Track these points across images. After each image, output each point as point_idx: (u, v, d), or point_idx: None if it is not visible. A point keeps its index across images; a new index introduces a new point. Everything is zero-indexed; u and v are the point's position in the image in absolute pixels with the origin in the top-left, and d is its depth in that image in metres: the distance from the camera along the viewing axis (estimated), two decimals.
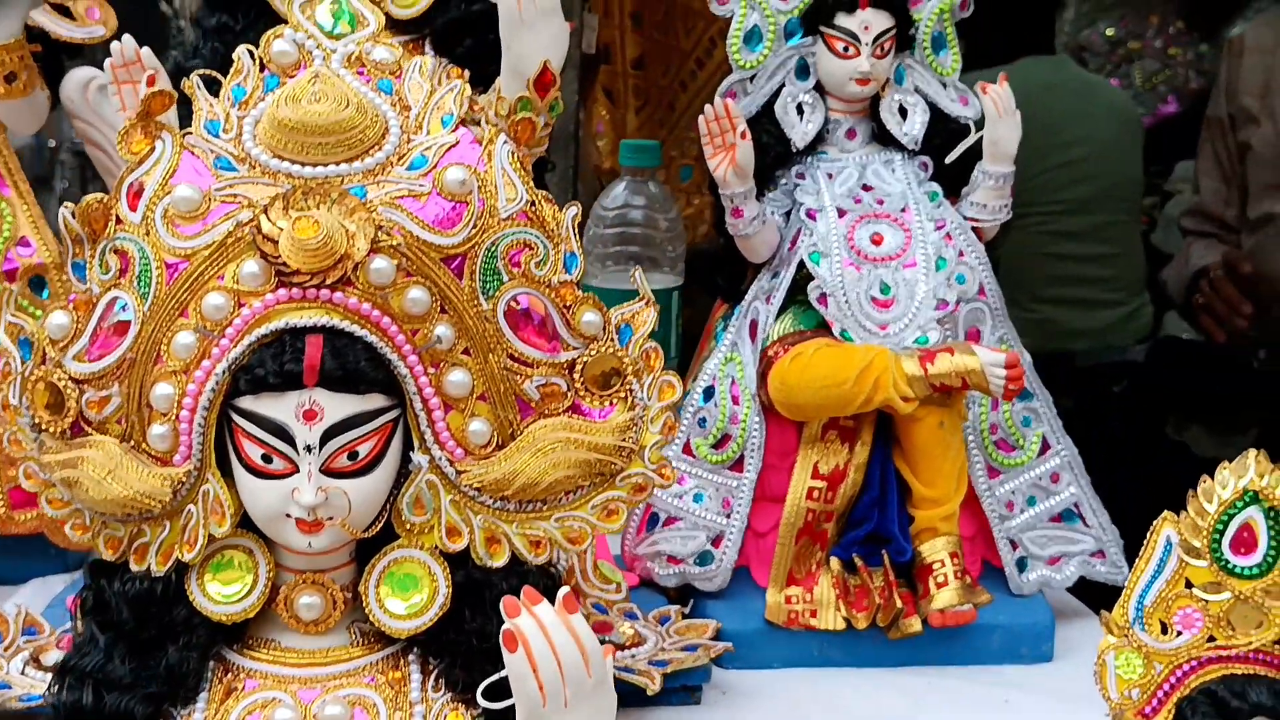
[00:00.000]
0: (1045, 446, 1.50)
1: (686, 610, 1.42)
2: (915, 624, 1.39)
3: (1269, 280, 2.45)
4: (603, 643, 0.90)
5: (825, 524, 1.43)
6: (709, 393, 1.47)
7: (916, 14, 1.50)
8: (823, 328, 1.43)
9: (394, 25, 1.38)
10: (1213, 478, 0.97)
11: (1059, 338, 3.66)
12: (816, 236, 1.44)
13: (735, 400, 1.44)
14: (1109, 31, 4.85)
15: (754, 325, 1.46)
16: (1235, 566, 0.97)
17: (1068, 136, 3.64)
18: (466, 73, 1.37)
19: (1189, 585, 0.99)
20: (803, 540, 1.42)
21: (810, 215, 1.45)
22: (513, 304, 1.01)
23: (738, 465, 1.44)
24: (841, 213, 1.45)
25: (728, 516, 1.44)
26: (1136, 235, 3.86)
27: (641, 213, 1.74)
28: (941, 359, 1.37)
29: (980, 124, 1.46)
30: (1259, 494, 0.97)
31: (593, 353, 1.04)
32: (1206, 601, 0.99)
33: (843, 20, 1.45)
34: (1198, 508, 0.99)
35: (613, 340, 1.05)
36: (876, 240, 1.44)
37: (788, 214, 1.48)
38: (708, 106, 1.41)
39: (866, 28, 1.44)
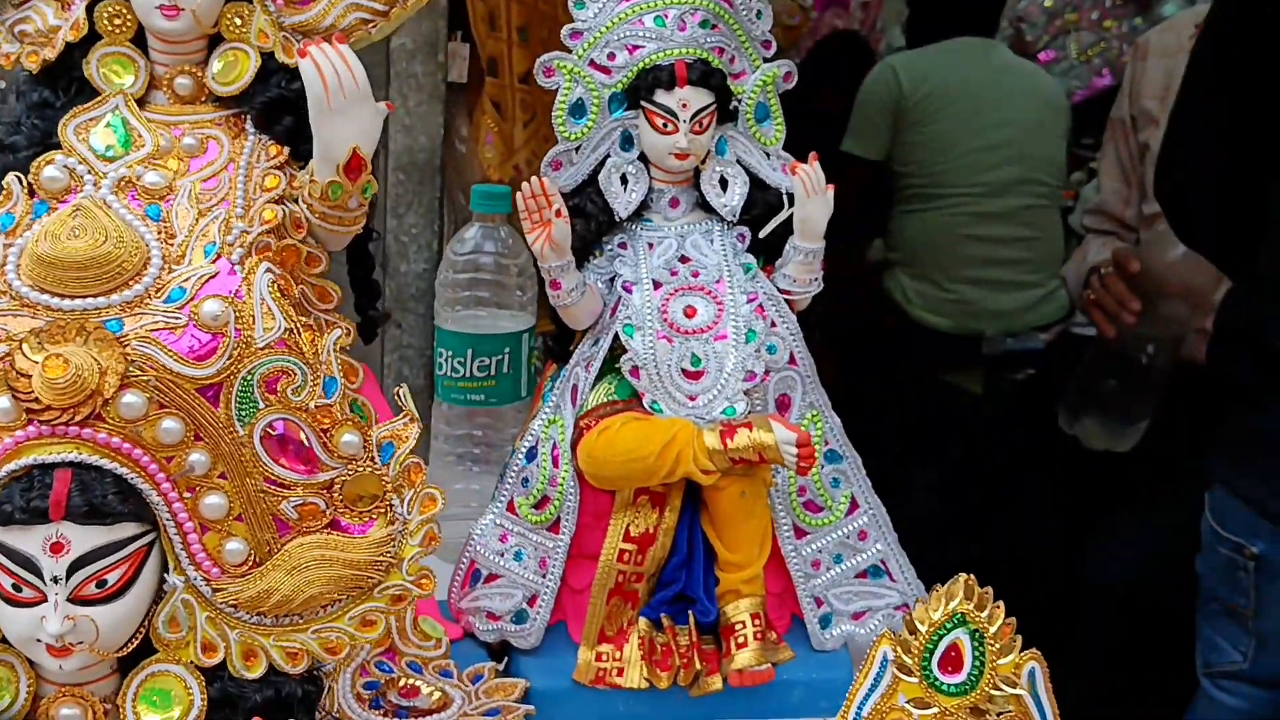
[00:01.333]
0: (854, 506, 1.54)
1: (502, 667, 1.46)
2: (716, 682, 1.44)
3: (1154, 277, 2.47)
4: (410, 708, 0.95)
5: (636, 584, 1.46)
6: (532, 453, 1.50)
7: (738, 88, 1.52)
8: (636, 398, 1.45)
9: (216, 100, 1.39)
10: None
11: (973, 318, 3.70)
12: (631, 310, 1.46)
13: (555, 463, 1.47)
14: (1047, 3, 4.84)
15: (575, 390, 1.49)
16: (942, 684, 1.02)
17: (992, 119, 3.65)
18: (286, 150, 1.40)
19: (903, 700, 1.04)
20: (614, 600, 1.46)
21: (626, 288, 1.47)
22: (269, 430, 1.04)
23: (555, 526, 1.47)
24: (658, 285, 1.47)
25: (543, 576, 1.47)
26: (1056, 219, 3.88)
27: (492, 259, 1.76)
28: (740, 434, 1.40)
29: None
30: (966, 617, 1.02)
31: (351, 472, 1.06)
32: (916, 715, 1.03)
33: (661, 97, 1.46)
34: (911, 626, 1.03)
35: (373, 459, 1.08)
36: (690, 313, 1.46)
37: (613, 280, 1.50)
38: (525, 184, 1.42)
39: (684, 105, 1.46)
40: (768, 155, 1.54)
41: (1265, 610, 1.86)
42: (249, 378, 1.03)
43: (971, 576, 1.05)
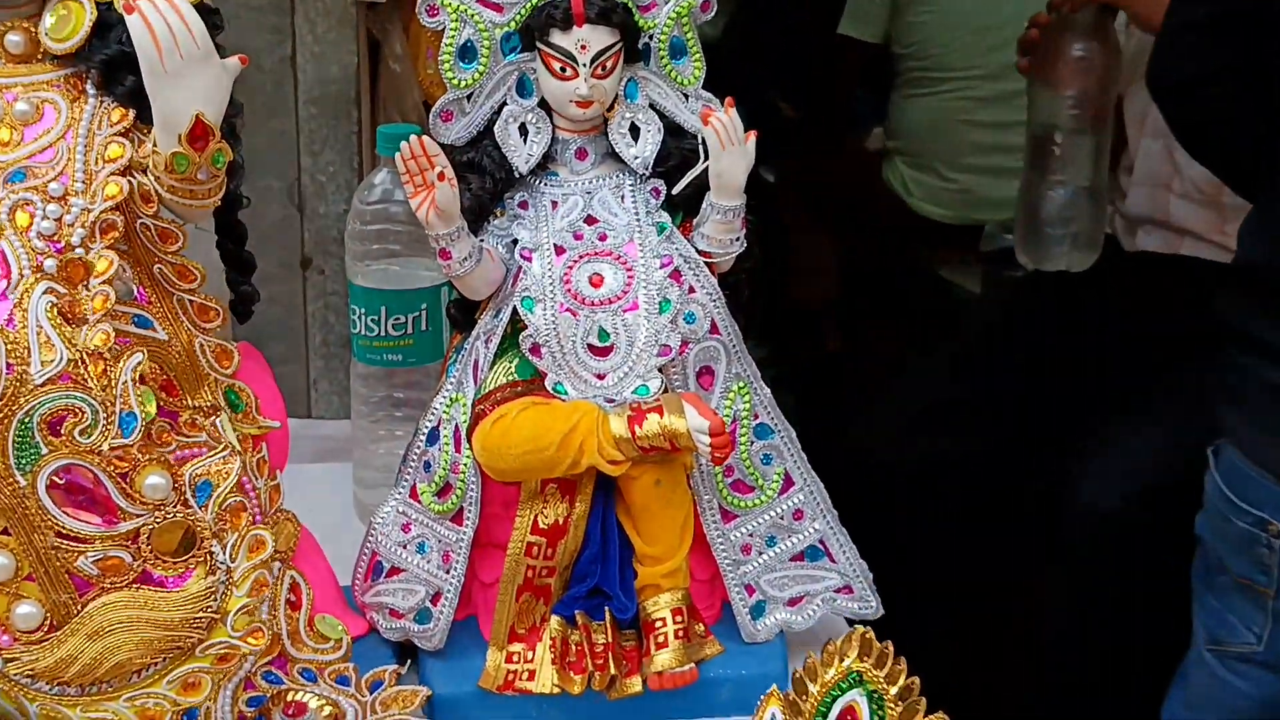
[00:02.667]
0: (788, 483, 1.38)
1: (404, 670, 1.33)
2: (635, 684, 1.30)
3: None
4: None
5: (547, 579, 1.32)
6: (433, 435, 1.35)
7: (647, 22, 1.33)
8: (539, 377, 1.29)
9: (55, 60, 1.22)
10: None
11: (974, 208, 3.51)
12: (530, 279, 1.29)
13: (457, 447, 1.32)
14: None
15: (476, 366, 1.33)
16: None
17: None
18: (131, 113, 1.23)
19: None
20: (524, 596, 1.32)
21: (525, 256, 1.30)
22: (55, 478, 0.89)
23: (458, 517, 1.33)
24: (560, 250, 1.30)
25: (447, 572, 1.33)
26: None
27: (403, 207, 1.58)
28: (650, 421, 1.24)
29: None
30: (862, 676, 0.87)
31: (159, 519, 0.92)
32: None
33: (558, 38, 1.28)
34: (801, 687, 0.89)
35: (185, 502, 0.93)
36: (596, 282, 1.30)
37: (514, 244, 1.33)
38: (403, 144, 1.25)
39: (583, 46, 1.27)
40: (686, 98, 1.36)
41: None
42: (26, 420, 0.88)
43: (869, 630, 0.90)
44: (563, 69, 1.28)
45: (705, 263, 1.33)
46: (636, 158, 1.33)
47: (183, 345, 1.24)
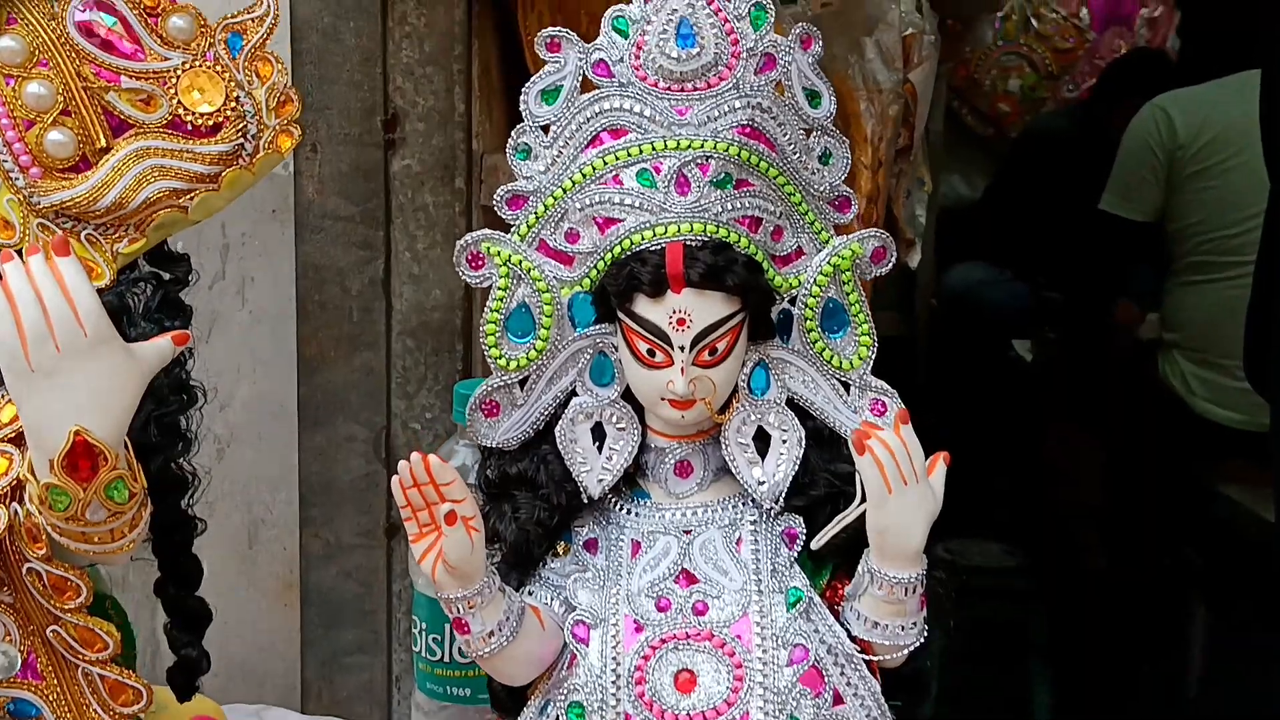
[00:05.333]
0: None
1: None
2: None
3: None
4: None
5: None
6: None
7: (786, 279, 0.86)
8: None
9: None
10: None
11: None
12: (583, 674, 0.82)
13: None
14: None
15: None
16: None
17: None
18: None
19: None
20: None
21: (580, 634, 0.83)
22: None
23: None
24: (637, 627, 0.83)
25: None
26: None
27: None
28: None
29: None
30: None
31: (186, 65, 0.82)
32: None
33: (645, 308, 0.82)
34: None
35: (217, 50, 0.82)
36: (685, 684, 0.81)
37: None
38: (402, 464, 0.81)
39: (682, 321, 0.81)
40: (845, 389, 0.87)
41: None
42: None
43: None
44: (651, 352, 0.82)
45: (864, 658, 0.82)
46: (762, 483, 0.84)
47: None
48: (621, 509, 0.87)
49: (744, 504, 0.86)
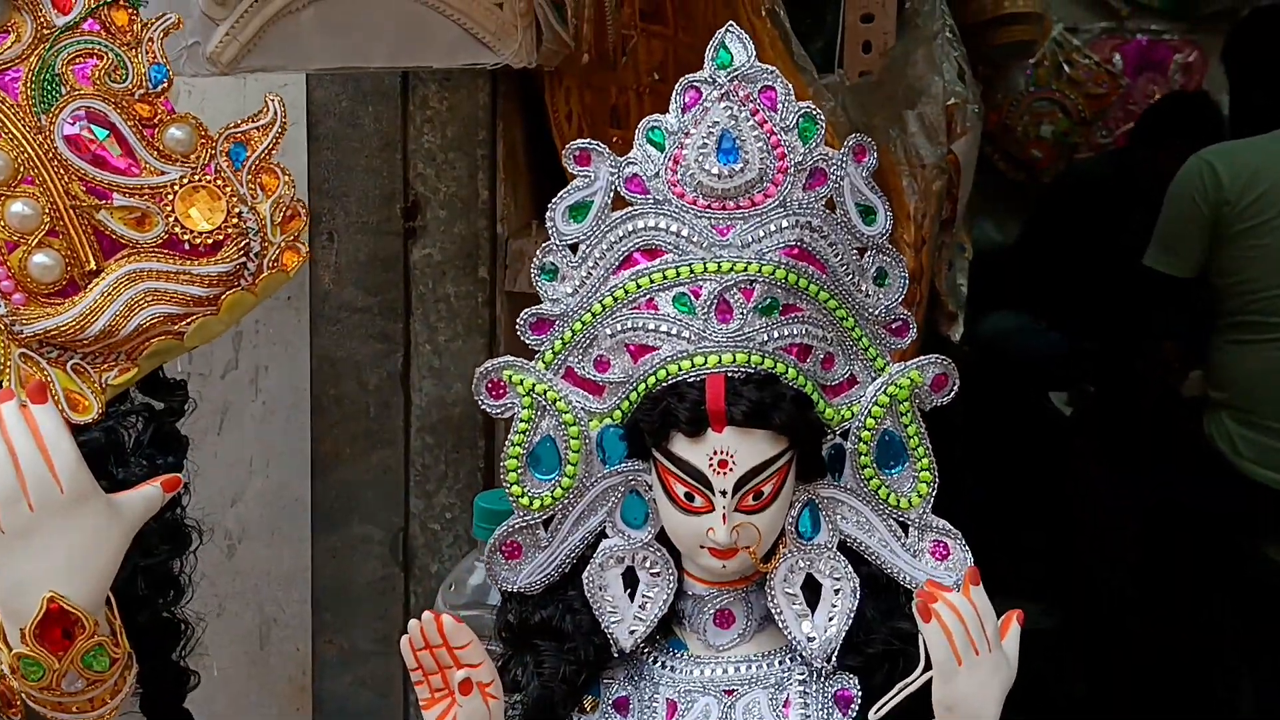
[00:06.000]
0: None
1: None
2: None
3: None
4: None
5: None
6: None
7: (840, 410, 0.77)
8: None
9: None
10: None
11: None
12: None
13: None
14: None
15: None
16: None
17: None
18: None
19: None
20: None
21: None
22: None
23: None
24: None
25: None
26: None
27: None
28: None
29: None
30: None
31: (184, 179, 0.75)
32: None
33: (683, 448, 0.74)
34: None
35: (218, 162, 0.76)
36: None
37: None
38: (413, 624, 0.73)
39: (724, 463, 0.73)
40: (905, 530, 0.79)
41: None
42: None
43: None
44: (690, 496, 0.74)
45: None
46: (812, 639, 0.76)
47: None
48: (656, 662, 0.79)
49: (792, 660, 0.78)
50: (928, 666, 0.71)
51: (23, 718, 0.73)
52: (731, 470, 0.73)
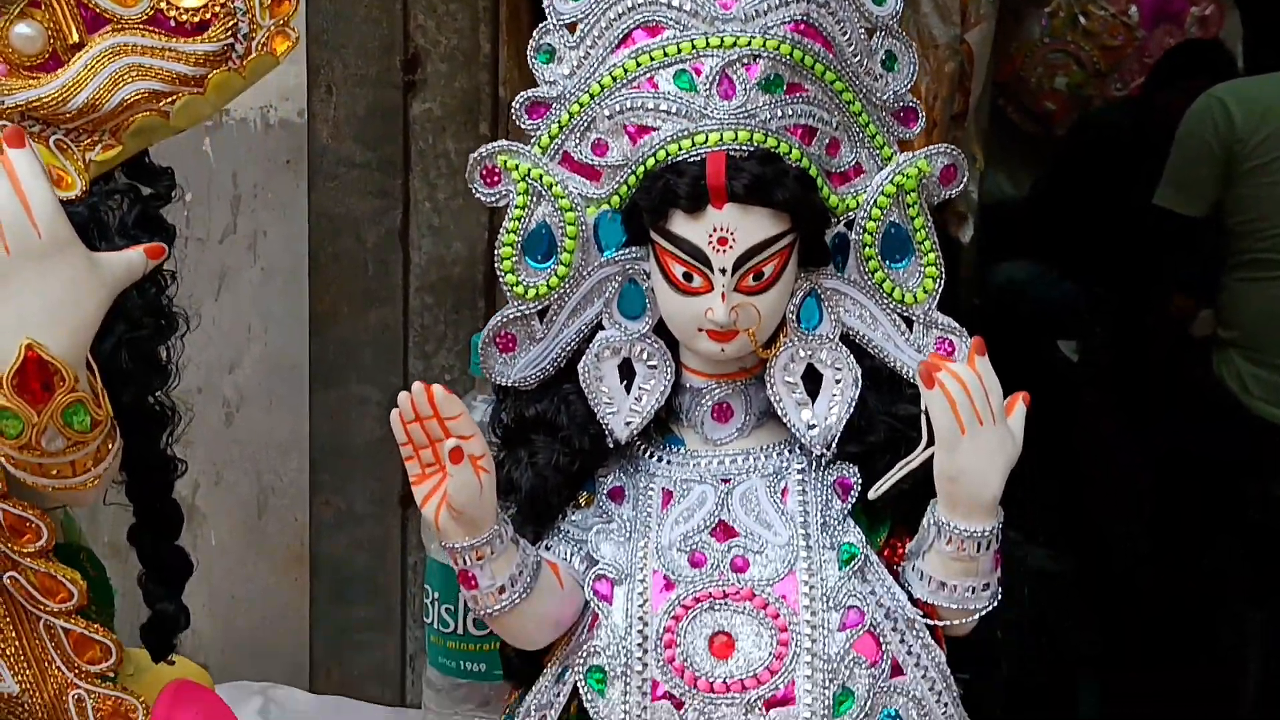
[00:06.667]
0: None
1: None
2: None
3: None
4: None
5: None
6: None
7: (845, 199, 0.75)
8: None
9: None
10: None
11: None
12: (606, 636, 0.72)
13: None
14: None
15: None
16: None
17: None
18: None
19: None
20: None
21: (602, 590, 0.73)
22: None
23: None
24: (667, 584, 0.72)
25: None
26: None
27: None
28: None
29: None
30: None
31: None
32: None
33: (681, 225, 0.72)
34: None
35: None
36: (721, 649, 0.71)
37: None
38: (402, 396, 0.71)
39: (724, 240, 0.71)
40: (909, 325, 0.77)
41: None
42: None
43: None
44: (688, 276, 0.72)
45: (927, 623, 0.72)
46: (812, 427, 0.74)
47: (44, 702, 0.74)
48: (652, 457, 0.77)
49: (791, 452, 0.76)
50: (930, 443, 0.69)
51: (3, 489, 0.72)
52: (731, 248, 0.71)
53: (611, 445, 0.76)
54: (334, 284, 1.27)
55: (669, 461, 0.77)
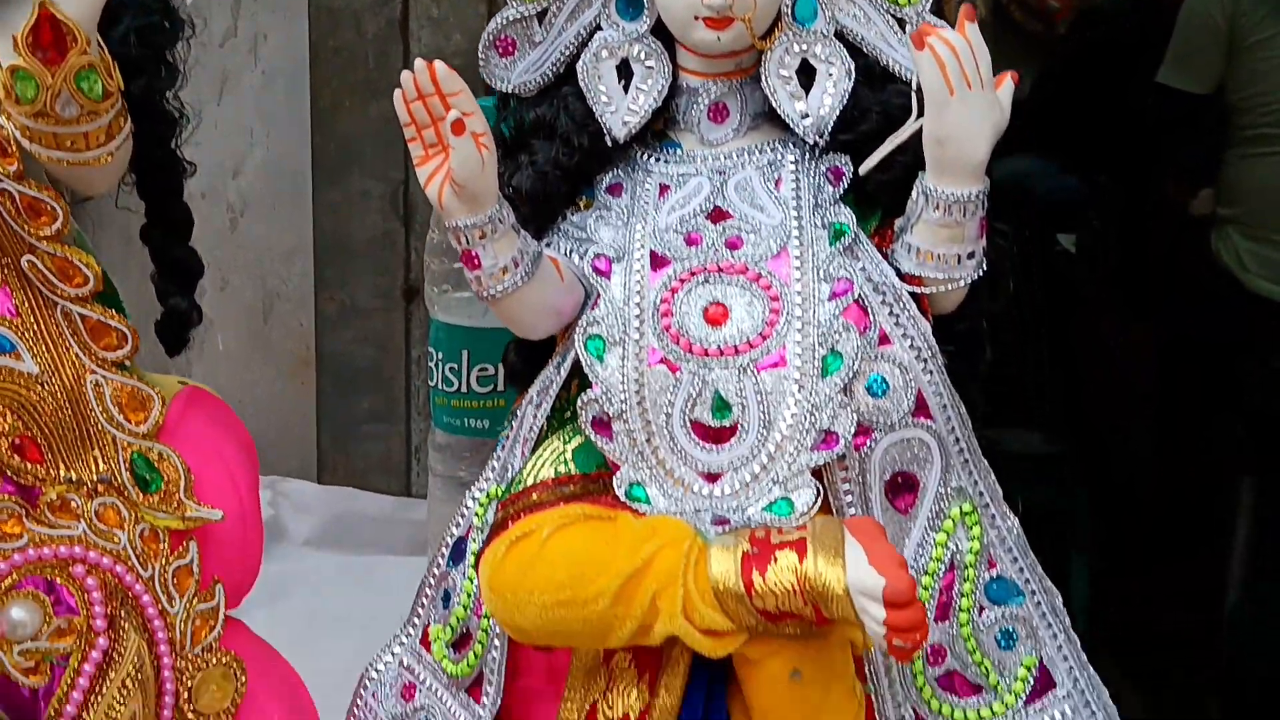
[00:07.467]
0: (1044, 683, 0.77)
1: None
2: None
3: None
4: None
5: None
6: (458, 550, 0.81)
7: None
8: (607, 470, 0.74)
9: None
10: None
11: None
12: (604, 308, 0.75)
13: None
14: None
15: (524, 443, 0.79)
16: None
17: None
18: None
19: None
20: None
21: (601, 267, 0.76)
22: None
23: (475, 687, 0.79)
24: (661, 261, 0.75)
25: None
26: None
27: None
28: (779, 566, 0.66)
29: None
30: None
31: None
32: None
33: None
34: None
35: None
36: (716, 316, 0.74)
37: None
38: (405, 74, 0.73)
39: None
40: (901, 25, 0.79)
41: None
42: None
43: None
44: None
45: (913, 294, 0.74)
46: (806, 116, 0.76)
47: (64, 384, 0.76)
48: (649, 157, 0.79)
49: (785, 146, 0.78)
50: (920, 115, 0.71)
51: (19, 168, 0.74)
52: None
53: (610, 145, 0.78)
54: (335, 77, 1.29)
55: (666, 161, 0.79)
